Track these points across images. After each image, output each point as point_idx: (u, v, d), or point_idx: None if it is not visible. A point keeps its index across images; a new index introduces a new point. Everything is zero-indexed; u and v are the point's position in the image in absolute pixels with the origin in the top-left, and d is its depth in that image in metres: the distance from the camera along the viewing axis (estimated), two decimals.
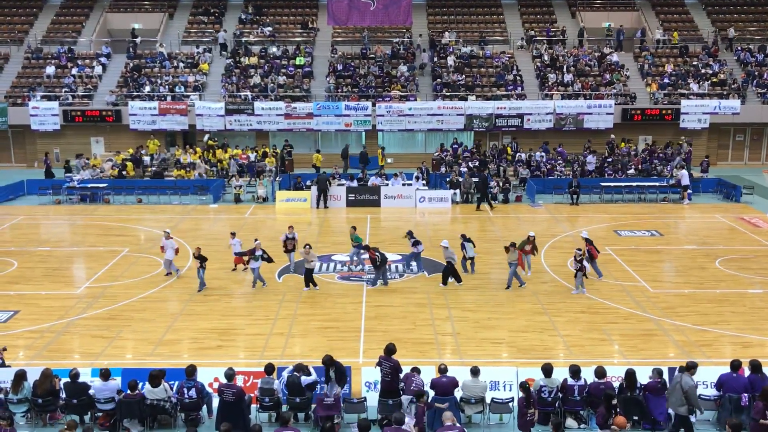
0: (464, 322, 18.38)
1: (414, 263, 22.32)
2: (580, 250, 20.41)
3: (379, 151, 38.31)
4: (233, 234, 22.68)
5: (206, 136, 39.04)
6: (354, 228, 22.66)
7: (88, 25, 46.44)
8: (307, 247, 20.60)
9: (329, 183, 32.04)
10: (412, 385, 12.93)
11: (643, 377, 13.19)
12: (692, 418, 13.03)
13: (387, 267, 21.11)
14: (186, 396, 12.99)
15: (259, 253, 20.48)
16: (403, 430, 11.33)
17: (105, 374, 13.13)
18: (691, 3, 48.24)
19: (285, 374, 13.35)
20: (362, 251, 22.05)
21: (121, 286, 21.20)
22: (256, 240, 20.90)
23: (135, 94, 40.64)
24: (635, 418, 12.54)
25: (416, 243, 22.07)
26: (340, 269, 22.54)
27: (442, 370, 13.11)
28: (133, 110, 39.24)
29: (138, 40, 44.55)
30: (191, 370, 13.21)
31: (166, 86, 41.09)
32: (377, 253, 20.67)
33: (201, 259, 20.59)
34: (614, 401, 12.31)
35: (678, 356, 16.15)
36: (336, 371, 13.46)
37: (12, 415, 12.46)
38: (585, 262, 20.18)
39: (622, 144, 38.17)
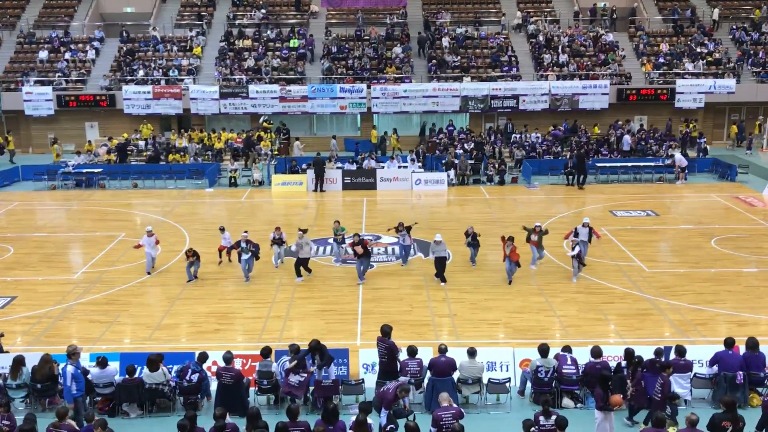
0: (461, 303, 18.43)
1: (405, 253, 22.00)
2: (577, 236, 20.20)
3: (393, 136, 38.06)
4: (222, 229, 21.65)
5: (262, 118, 38.69)
6: (337, 222, 22.06)
7: (80, 9, 45.99)
8: (300, 233, 20.27)
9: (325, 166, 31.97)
10: (407, 374, 13.00)
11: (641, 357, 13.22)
12: (687, 396, 13.13)
13: (369, 263, 20.66)
14: (186, 379, 13.02)
15: (244, 245, 19.98)
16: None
17: (102, 362, 13.13)
18: None
19: (286, 362, 13.29)
20: (343, 241, 21.85)
21: (118, 271, 21.19)
22: (244, 232, 20.35)
23: (129, 78, 40.36)
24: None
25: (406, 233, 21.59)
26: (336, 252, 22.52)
27: (442, 350, 13.15)
28: (127, 95, 39.00)
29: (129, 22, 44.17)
30: (204, 357, 13.29)
31: (160, 70, 40.82)
32: (363, 249, 19.83)
33: (194, 255, 20.12)
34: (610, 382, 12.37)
35: (674, 335, 16.24)
36: (321, 355, 13.38)
37: (10, 400, 12.47)
38: (578, 247, 19.94)
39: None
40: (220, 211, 28.84)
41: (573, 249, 19.84)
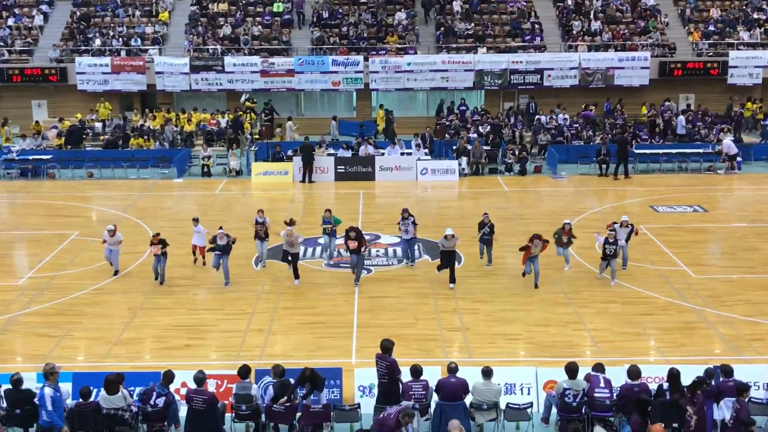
0: (474, 314, 18.43)
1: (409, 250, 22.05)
2: (613, 230, 20.09)
3: (380, 112, 38.11)
4: (196, 220, 21.86)
5: (243, 96, 38.77)
6: (328, 211, 22.06)
7: None
8: (289, 229, 20.19)
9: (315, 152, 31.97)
10: (411, 399, 12.97)
11: (686, 379, 13.21)
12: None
13: (364, 262, 20.65)
14: (151, 404, 13.01)
15: (222, 242, 20.00)
16: None
17: (17, 382, 13.14)
18: None
19: (270, 386, 13.27)
20: (334, 235, 21.89)
21: (70, 276, 21.17)
22: (220, 228, 20.36)
23: (83, 48, 40.32)
24: (675, 426, 12.60)
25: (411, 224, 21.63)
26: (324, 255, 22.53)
27: (452, 369, 13.14)
28: (81, 68, 38.97)
29: None
30: (169, 376, 13.22)
31: (120, 39, 40.78)
32: (358, 244, 19.86)
33: (161, 244, 20.24)
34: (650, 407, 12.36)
35: (725, 353, 16.24)
36: (312, 384, 13.34)
37: None
38: (621, 243, 20.00)
39: (643, 108, 38.01)
40: (190, 205, 28.82)
41: (610, 248, 19.71)
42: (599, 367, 13.47)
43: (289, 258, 20.51)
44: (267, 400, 13.17)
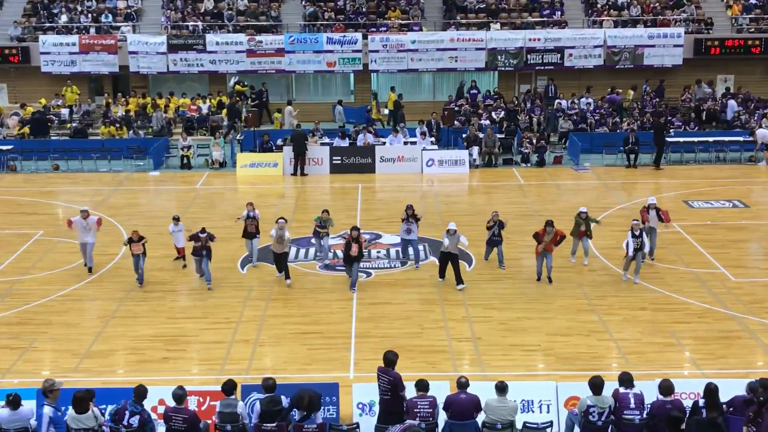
0: (487, 323, 18.45)
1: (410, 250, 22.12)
2: (637, 221, 20.28)
3: (374, 104, 38.19)
4: (176, 219, 21.77)
5: (232, 80, 38.71)
6: (326, 211, 22.03)
7: None
8: (282, 221, 20.38)
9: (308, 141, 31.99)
10: (416, 418, 12.96)
11: (725, 394, 13.22)
12: None
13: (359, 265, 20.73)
14: (124, 424, 13.03)
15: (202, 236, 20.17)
16: None
17: (14, 401, 13.12)
18: None
19: (257, 402, 13.30)
20: (327, 236, 21.99)
21: (34, 281, 21.20)
22: (202, 231, 20.49)
23: (48, 26, 40.32)
24: None
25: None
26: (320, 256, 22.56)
27: (462, 384, 13.16)
28: (46, 47, 38.95)
29: None
30: (142, 392, 13.22)
31: (89, 15, 40.79)
32: (359, 248, 19.92)
33: (141, 241, 20.38)
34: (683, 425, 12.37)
35: None
36: (309, 406, 13.33)
37: None
38: (645, 236, 20.11)
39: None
40: (168, 201, 28.84)
41: (636, 241, 19.74)
42: (627, 380, 13.33)
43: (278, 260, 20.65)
44: (255, 419, 13.19)
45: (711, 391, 12.82)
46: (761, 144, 32.63)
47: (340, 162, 32.24)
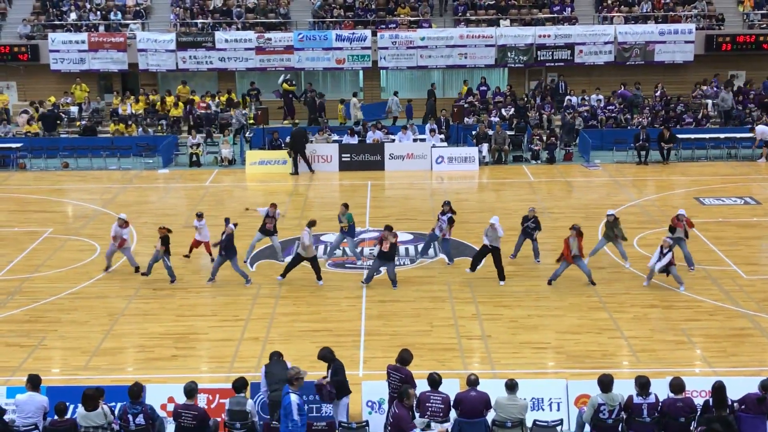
0: (497, 320, 18.44)
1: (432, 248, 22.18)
2: (670, 238, 20.00)
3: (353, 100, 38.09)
4: (200, 215, 21.93)
5: (281, 78, 38.74)
6: (345, 206, 22.10)
7: None
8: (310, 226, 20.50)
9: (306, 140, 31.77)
10: (427, 412, 12.94)
11: (737, 392, 13.17)
12: None
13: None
14: (132, 424, 13.05)
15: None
16: None
17: (34, 382, 13.20)
18: None
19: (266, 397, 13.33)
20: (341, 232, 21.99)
21: (43, 279, 21.26)
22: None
23: (57, 23, 40.42)
24: None
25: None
26: (333, 254, 22.55)
27: (472, 381, 13.14)
28: (55, 45, 39.03)
29: None
30: (136, 391, 13.21)
31: (98, 13, 40.87)
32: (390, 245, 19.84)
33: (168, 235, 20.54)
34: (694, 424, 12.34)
35: None
36: (333, 373, 13.48)
37: None
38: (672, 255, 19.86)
39: None
40: (177, 198, 28.89)
41: (664, 255, 19.47)
42: (643, 386, 13.14)
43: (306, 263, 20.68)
44: (262, 414, 13.20)
45: (718, 388, 12.82)
46: (760, 141, 32.55)
47: (349, 159, 32.22)
